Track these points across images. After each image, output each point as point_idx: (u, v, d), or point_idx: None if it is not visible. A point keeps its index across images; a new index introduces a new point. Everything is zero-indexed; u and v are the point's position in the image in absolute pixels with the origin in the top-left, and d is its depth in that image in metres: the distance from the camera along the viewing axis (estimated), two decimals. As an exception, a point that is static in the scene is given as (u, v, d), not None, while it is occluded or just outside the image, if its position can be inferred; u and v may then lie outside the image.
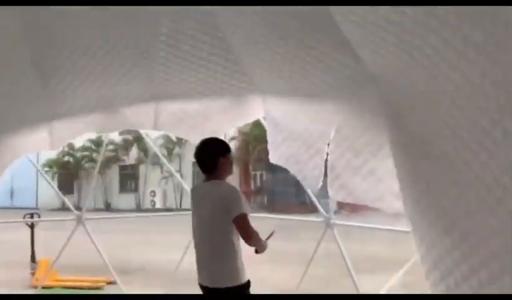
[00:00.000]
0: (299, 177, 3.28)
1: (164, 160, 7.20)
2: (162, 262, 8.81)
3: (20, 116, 3.78)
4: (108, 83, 3.58)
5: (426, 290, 2.22)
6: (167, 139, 24.49)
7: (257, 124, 5.01)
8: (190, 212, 2.93)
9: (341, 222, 3.48)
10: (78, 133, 4.51)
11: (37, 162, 26.54)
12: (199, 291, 2.77)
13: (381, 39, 2.01)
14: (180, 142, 24.60)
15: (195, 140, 4.04)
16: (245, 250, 2.73)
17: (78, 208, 5.37)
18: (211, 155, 2.85)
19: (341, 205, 20.82)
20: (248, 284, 2.72)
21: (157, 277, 7.62)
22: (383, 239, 7.69)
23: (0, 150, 3.90)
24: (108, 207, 26.52)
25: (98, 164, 5.95)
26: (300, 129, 3.26)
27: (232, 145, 24.99)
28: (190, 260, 5.44)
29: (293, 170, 3.32)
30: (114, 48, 3.23)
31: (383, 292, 5.07)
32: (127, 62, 3.37)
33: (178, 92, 3.61)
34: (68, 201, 8.18)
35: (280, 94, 3.28)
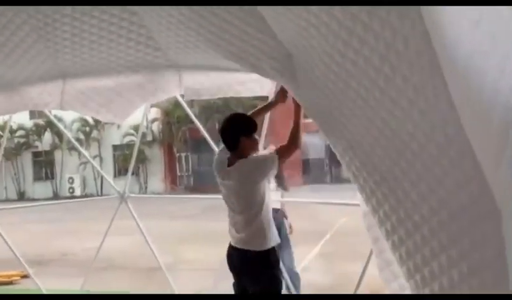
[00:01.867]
0: None
1: (78, 145, 6.82)
2: (80, 250, 8.42)
3: None
4: (7, 61, 3.26)
5: (344, 260, 2.30)
6: (84, 122, 23.21)
7: (178, 104, 4.91)
8: (108, 198, 2.79)
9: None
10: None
11: None
12: (119, 280, 2.67)
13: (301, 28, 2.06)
14: (98, 125, 23.43)
15: (104, 119, 3.88)
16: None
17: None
18: (233, 135, 2.75)
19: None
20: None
21: (74, 266, 7.29)
22: (303, 212, 7.98)
23: None
24: (21, 197, 24.69)
25: (1, 151, 5.40)
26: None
27: (155, 127, 24.34)
28: (108, 247, 5.26)
29: None
30: (12, 22, 2.93)
31: (304, 263, 5.29)
32: (27, 38, 3.08)
33: (88, 69, 3.38)
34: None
35: (197, 69, 3.21)
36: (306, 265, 5.28)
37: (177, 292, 4.46)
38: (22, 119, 22.71)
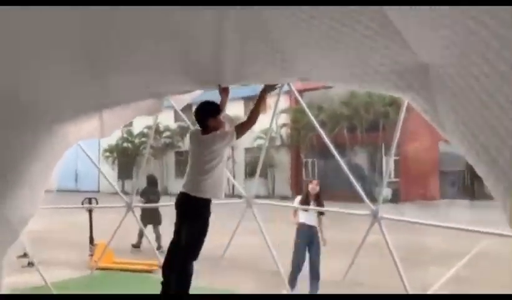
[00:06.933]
0: None
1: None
2: (211, 248, 8.95)
3: (73, 106, 3.97)
4: (155, 75, 3.68)
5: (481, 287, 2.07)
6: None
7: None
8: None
9: (388, 216, 3.32)
10: (127, 120, 4.73)
11: (99, 147, 28.12)
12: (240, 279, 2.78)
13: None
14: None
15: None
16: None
17: (135, 193, 5.59)
18: (203, 117, 3.80)
19: (410, 197, 20.02)
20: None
21: (204, 262, 7.74)
22: (441, 231, 7.35)
23: (55, 140, 4.10)
24: (165, 191, 27.40)
25: (148, 150, 6.07)
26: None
27: (283, 132, 24.89)
28: (235, 247, 5.50)
29: None
30: (159, 45, 3.28)
31: (435, 286, 4.84)
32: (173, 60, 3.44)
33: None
34: (128, 185, 8.46)
35: (335, 80, 3.24)
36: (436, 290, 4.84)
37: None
38: (168, 121, 25.26)
